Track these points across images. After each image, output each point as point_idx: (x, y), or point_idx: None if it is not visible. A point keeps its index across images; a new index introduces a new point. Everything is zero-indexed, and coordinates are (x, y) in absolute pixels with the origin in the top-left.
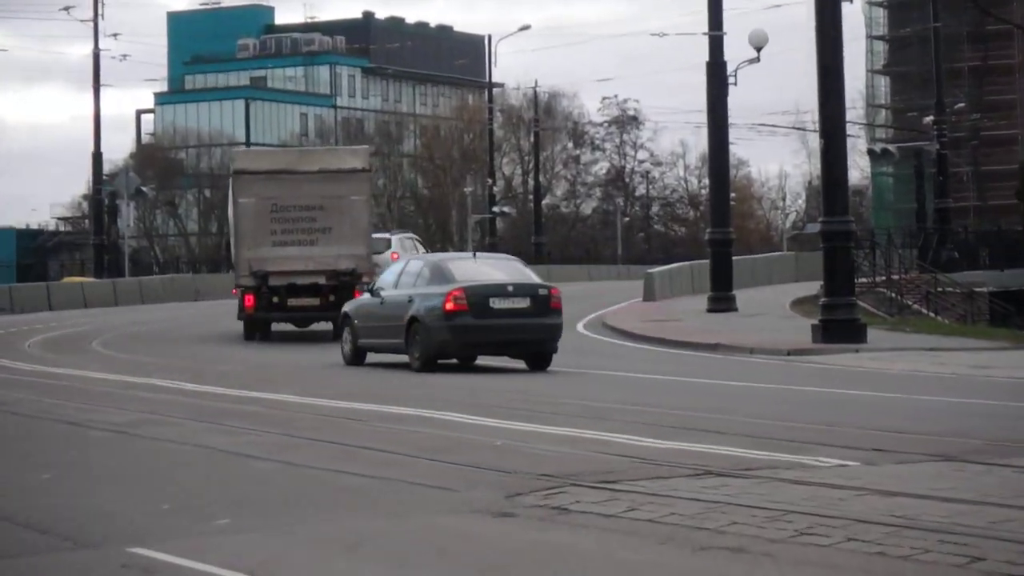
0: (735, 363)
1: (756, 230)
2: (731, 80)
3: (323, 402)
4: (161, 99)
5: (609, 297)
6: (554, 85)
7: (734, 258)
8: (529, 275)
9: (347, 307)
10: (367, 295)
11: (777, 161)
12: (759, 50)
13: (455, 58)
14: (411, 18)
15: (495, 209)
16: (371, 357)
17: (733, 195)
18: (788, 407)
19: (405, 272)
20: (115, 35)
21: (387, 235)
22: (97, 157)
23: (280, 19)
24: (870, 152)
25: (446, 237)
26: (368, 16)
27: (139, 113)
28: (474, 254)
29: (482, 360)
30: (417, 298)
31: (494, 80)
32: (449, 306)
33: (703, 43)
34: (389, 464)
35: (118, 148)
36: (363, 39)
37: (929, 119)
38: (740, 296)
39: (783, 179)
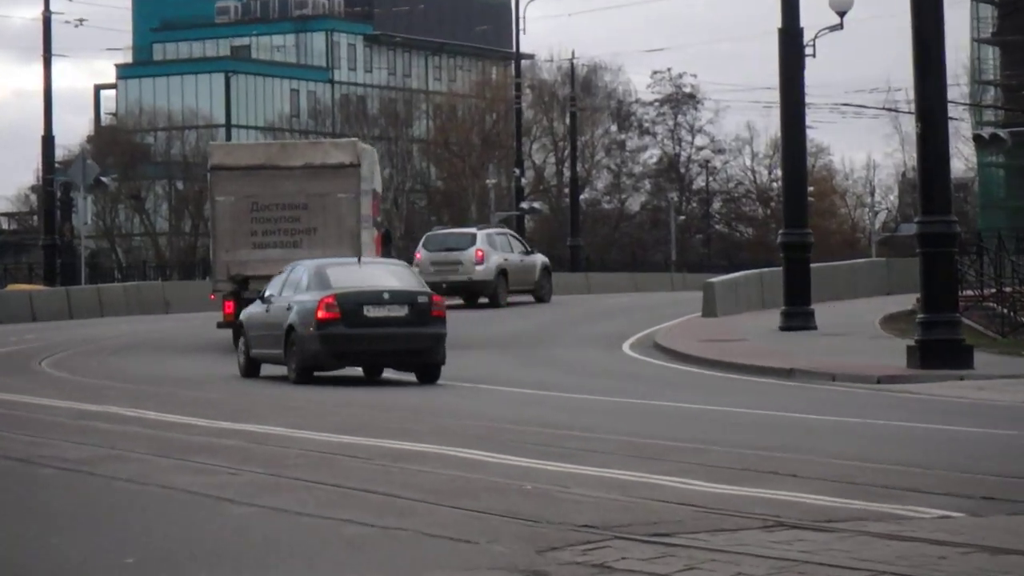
0: (814, 392)
1: (839, 231)
2: (809, 51)
3: (316, 435)
4: (124, 72)
5: (661, 311)
6: (594, 56)
7: (812, 265)
8: (413, 282)
9: (242, 315)
10: (258, 302)
11: (864, 149)
12: (842, 15)
13: (475, 24)
14: None
15: (523, 205)
16: (269, 370)
17: (811, 189)
18: (878, 446)
19: (290, 277)
20: None
21: (472, 230)
22: (48, 141)
23: None
24: (976, 138)
25: None
26: None
27: (98, 89)
28: (358, 259)
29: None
30: (295, 305)
31: (522, 50)
32: (321, 314)
33: (774, 6)
34: (395, 510)
35: (73, 130)
36: (366, 1)
37: None
38: (820, 311)
39: (871, 170)
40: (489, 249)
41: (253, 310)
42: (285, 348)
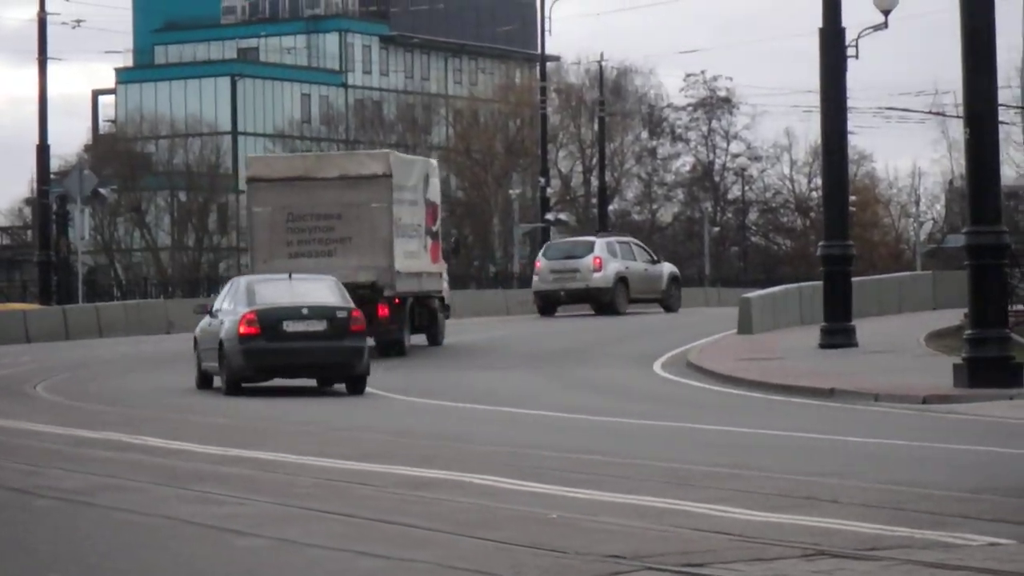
0: (855, 413)
1: (882, 243)
2: (851, 51)
3: (327, 462)
4: (124, 76)
5: (694, 329)
6: (624, 58)
7: (854, 279)
8: (336, 298)
9: (196, 329)
10: (208, 316)
11: (910, 155)
12: (887, 13)
13: (498, 24)
14: None
15: (549, 216)
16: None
17: (853, 199)
18: (923, 470)
19: (229, 292)
20: None
21: (591, 238)
22: (43, 150)
23: None
24: None
25: (486, 251)
26: None
27: (96, 94)
28: (290, 275)
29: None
30: (225, 320)
31: (548, 52)
32: (243, 329)
33: (816, 5)
34: (412, 542)
35: (70, 139)
36: (382, 0)
37: None
38: (862, 327)
39: (917, 178)
40: (608, 257)
41: (203, 324)
42: (219, 361)
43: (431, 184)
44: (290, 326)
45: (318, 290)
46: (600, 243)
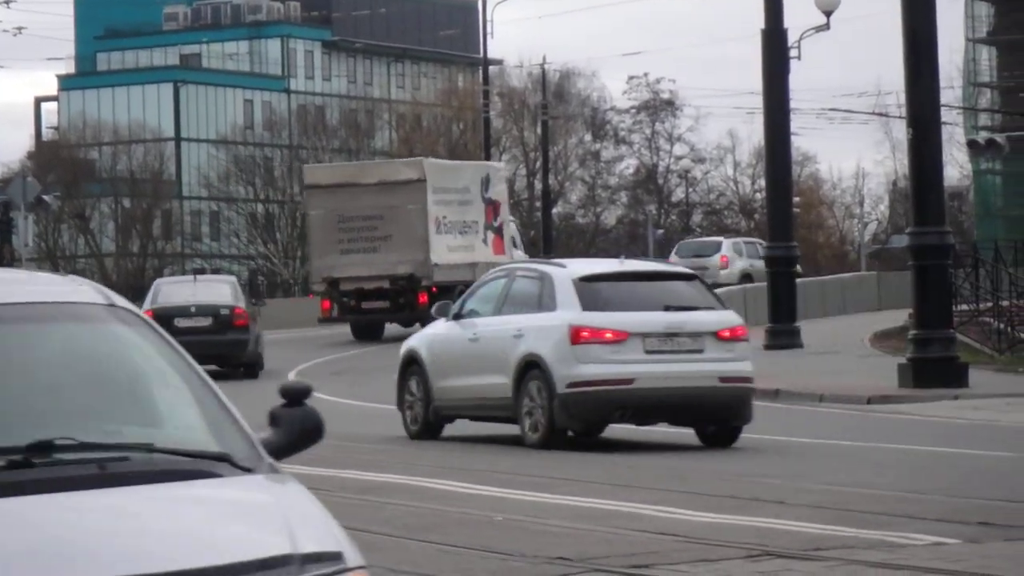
0: (800, 413)
1: (827, 244)
2: (793, 53)
3: None
4: (67, 83)
5: None
6: (567, 61)
7: (799, 280)
8: (228, 297)
9: None
10: None
11: (853, 156)
12: (829, 15)
13: (440, 28)
14: None
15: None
16: None
17: (797, 200)
18: (868, 470)
19: (150, 293)
20: (6, 1)
21: (719, 239)
22: None
23: None
24: (971, 144)
25: None
26: None
27: (39, 101)
28: (194, 277)
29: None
30: None
31: (490, 56)
32: None
33: (758, 6)
34: (363, 546)
35: (12, 146)
36: (324, 5)
37: None
38: (806, 328)
39: (860, 179)
40: (733, 255)
41: None
42: None
43: (492, 184)
44: (181, 322)
45: (215, 291)
46: (727, 243)
